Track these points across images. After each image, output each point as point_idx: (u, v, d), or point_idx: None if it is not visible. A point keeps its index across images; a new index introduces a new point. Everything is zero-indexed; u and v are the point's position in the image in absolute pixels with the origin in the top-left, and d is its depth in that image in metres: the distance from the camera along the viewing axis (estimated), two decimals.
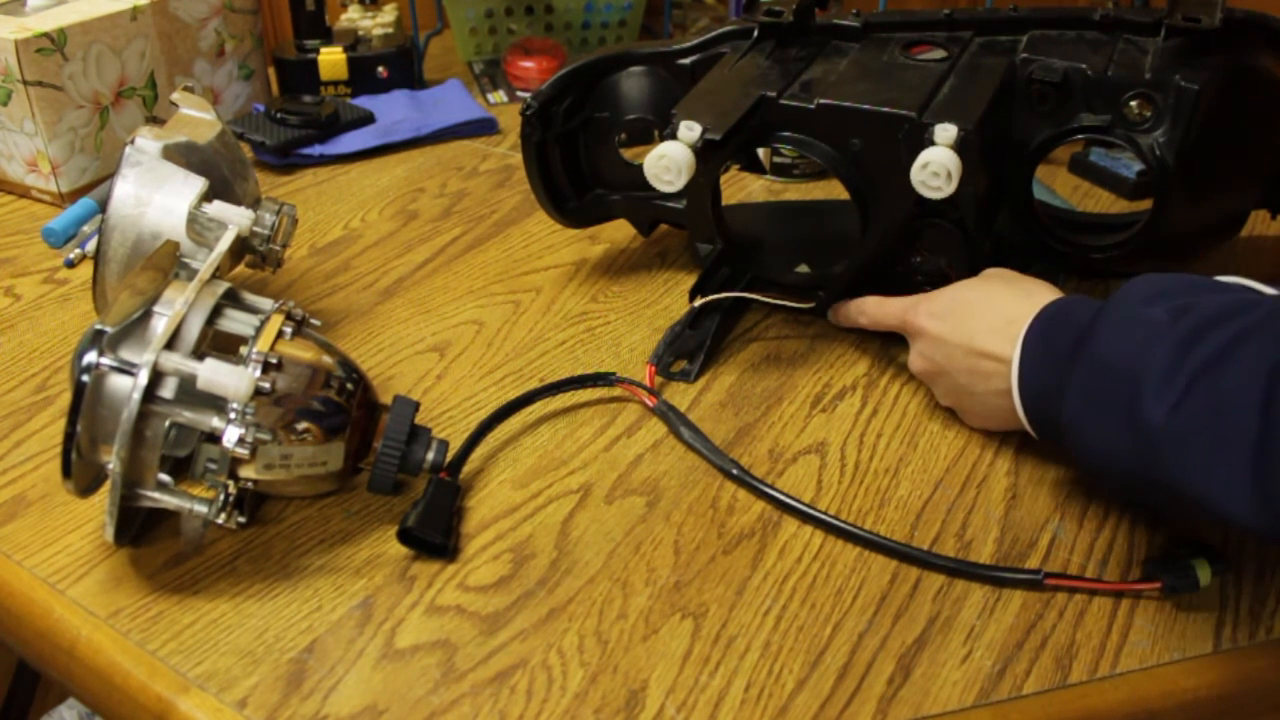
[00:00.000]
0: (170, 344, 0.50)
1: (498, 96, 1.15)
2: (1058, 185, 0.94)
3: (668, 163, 0.63)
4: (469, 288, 0.80)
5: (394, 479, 0.57)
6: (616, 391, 0.69)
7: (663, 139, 0.64)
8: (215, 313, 0.53)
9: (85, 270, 0.75)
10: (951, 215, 0.68)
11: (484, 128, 1.06)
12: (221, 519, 0.51)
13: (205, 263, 0.56)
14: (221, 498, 0.51)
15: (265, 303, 0.56)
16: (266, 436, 0.51)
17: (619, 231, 0.87)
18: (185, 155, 0.64)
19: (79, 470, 0.49)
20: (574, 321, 0.76)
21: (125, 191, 0.61)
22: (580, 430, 0.66)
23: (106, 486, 0.50)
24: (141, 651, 0.51)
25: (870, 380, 0.70)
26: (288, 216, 0.67)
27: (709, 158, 0.66)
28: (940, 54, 0.72)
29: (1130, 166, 0.92)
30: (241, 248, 0.65)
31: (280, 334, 0.53)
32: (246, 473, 0.52)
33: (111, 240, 0.61)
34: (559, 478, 0.62)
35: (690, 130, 0.63)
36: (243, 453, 0.49)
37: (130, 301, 0.50)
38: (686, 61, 0.77)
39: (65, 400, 0.67)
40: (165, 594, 0.54)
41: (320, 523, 0.59)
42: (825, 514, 0.58)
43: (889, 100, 0.65)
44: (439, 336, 0.74)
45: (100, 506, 0.59)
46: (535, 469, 0.63)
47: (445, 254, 0.85)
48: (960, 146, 0.61)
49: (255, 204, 0.68)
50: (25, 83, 0.85)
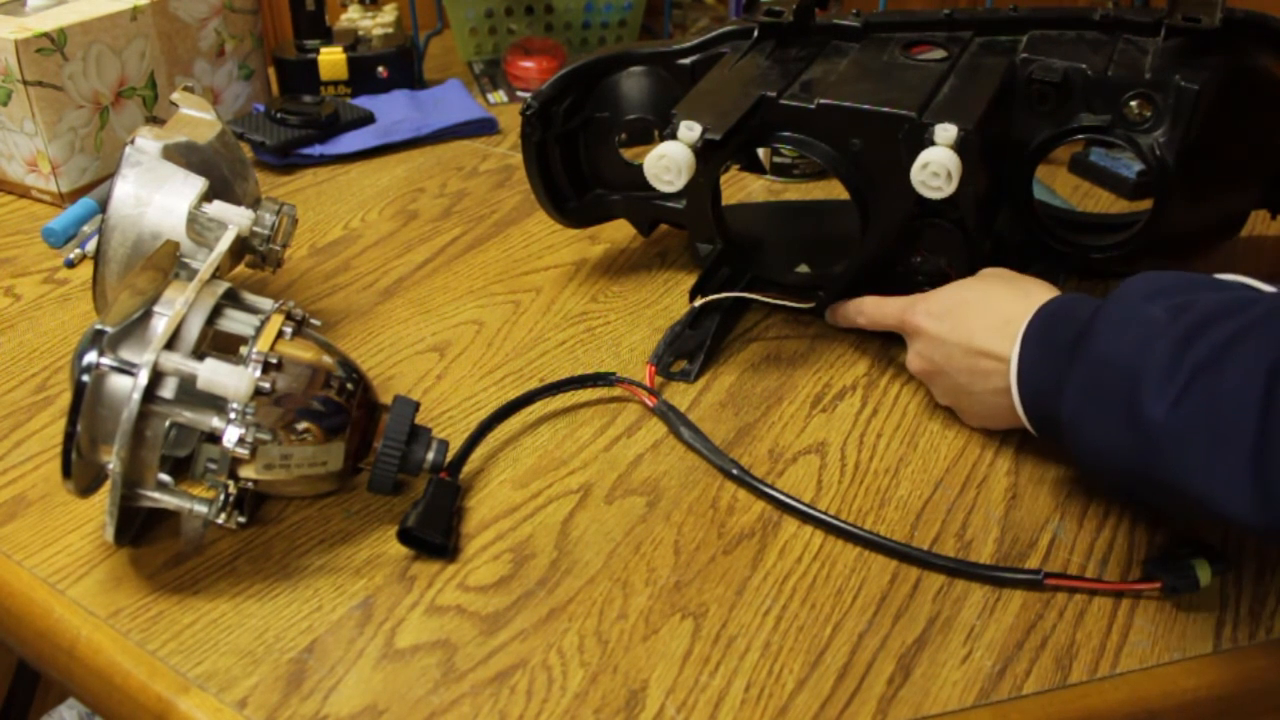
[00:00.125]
0: (170, 344, 0.50)
1: (498, 96, 1.15)
2: (1058, 185, 0.94)
3: (668, 163, 0.63)
4: (469, 288, 0.80)
5: (394, 479, 0.57)
6: (616, 391, 0.69)
7: (663, 139, 0.64)
8: (215, 313, 0.53)
9: (85, 270, 0.75)
10: (951, 215, 0.68)
11: (484, 128, 1.06)
12: (221, 519, 0.51)
13: (205, 263, 0.56)
14: (221, 498, 0.51)
15: (265, 303, 0.56)
16: (266, 436, 0.51)
17: (619, 231, 0.87)
18: (185, 155, 0.64)
19: (79, 470, 0.49)
20: (574, 321, 0.76)
21: (125, 191, 0.61)
22: (580, 430, 0.66)
23: (106, 486, 0.50)
24: (141, 651, 0.51)
25: (870, 380, 0.70)
26: (288, 216, 0.67)
27: (709, 158, 0.66)
28: (940, 54, 0.72)
29: (1130, 166, 0.92)
30: (241, 248, 0.65)
31: (280, 334, 0.53)
32: (246, 473, 0.52)
33: (111, 240, 0.61)
34: (559, 478, 0.62)
35: (690, 130, 0.63)
36: (243, 453, 0.49)
37: (130, 301, 0.50)
38: (686, 61, 0.77)
39: (65, 400, 0.67)
40: (165, 594, 0.54)
41: (320, 523, 0.59)
42: (825, 514, 0.58)
43: (889, 100, 0.65)
44: (439, 336, 0.74)
45: (100, 506, 0.59)
46: (535, 469, 0.63)
47: (445, 254, 0.85)
48: (960, 146, 0.61)
49: (255, 204, 0.68)
50: (25, 83, 0.85)
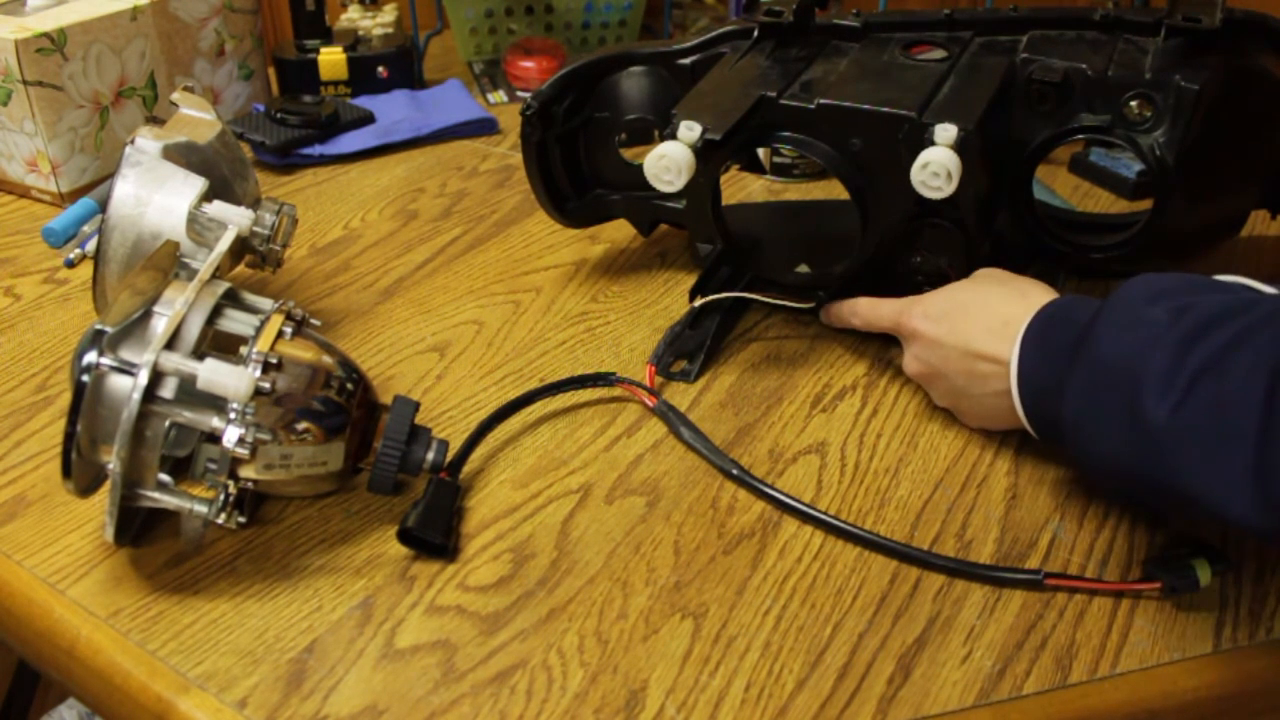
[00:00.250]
0: (170, 344, 0.50)
1: (498, 96, 1.15)
2: (1058, 185, 0.94)
3: (668, 163, 0.63)
4: (469, 288, 0.80)
5: (394, 479, 0.57)
6: (616, 391, 0.69)
7: (663, 139, 0.64)
8: (215, 313, 0.53)
9: (85, 270, 0.75)
10: (951, 215, 0.68)
11: (484, 128, 1.06)
12: (221, 519, 0.51)
13: (205, 263, 0.56)
14: (221, 498, 0.51)
15: (265, 303, 0.56)
16: (266, 436, 0.51)
17: (619, 231, 0.87)
18: (185, 155, 0.64)
19: (79, 470, 0.49)
20: (574, 321, 0.76)
21: (125, 191, 0.61)
22: (580, 430, 0.66)
23: (106, 486, 0.50)
24: (141, 651, 0.51)
25: (870, 380, 0.70)
26: (288, 216, 0.67)
27: (709, 158, 0.66)
28: (940, 54, 0.72)
29: (1130, 166, 0.92)
30: (241, 248, 0.65)
31: (280, 334, 0.53)
32: (246, 473, 0.52)
33: (111, 240, 0.61)
34: (559, 478, 0.62)
35: (690, 130, 0.63)
36: (243, 453, 0.49)
37: (130, 301, 0.50)
38: (686, 61, 0.77)
39: (65, 400, 0.67)
40: (165, 594, 0.54)
41: (320, 523, 0.59)
42: (825, 514, 0.58)
43: (889, 100, 0.65)
44: (439, 336, 0.74)
45: (100, 506, 0.59)
46: (535, 469, 0.63)
47: (445, 254, 0.85)
48: (960, 146, 0.61)
49: (255, 204, 0.68)
50: (25, 83, 0.85)
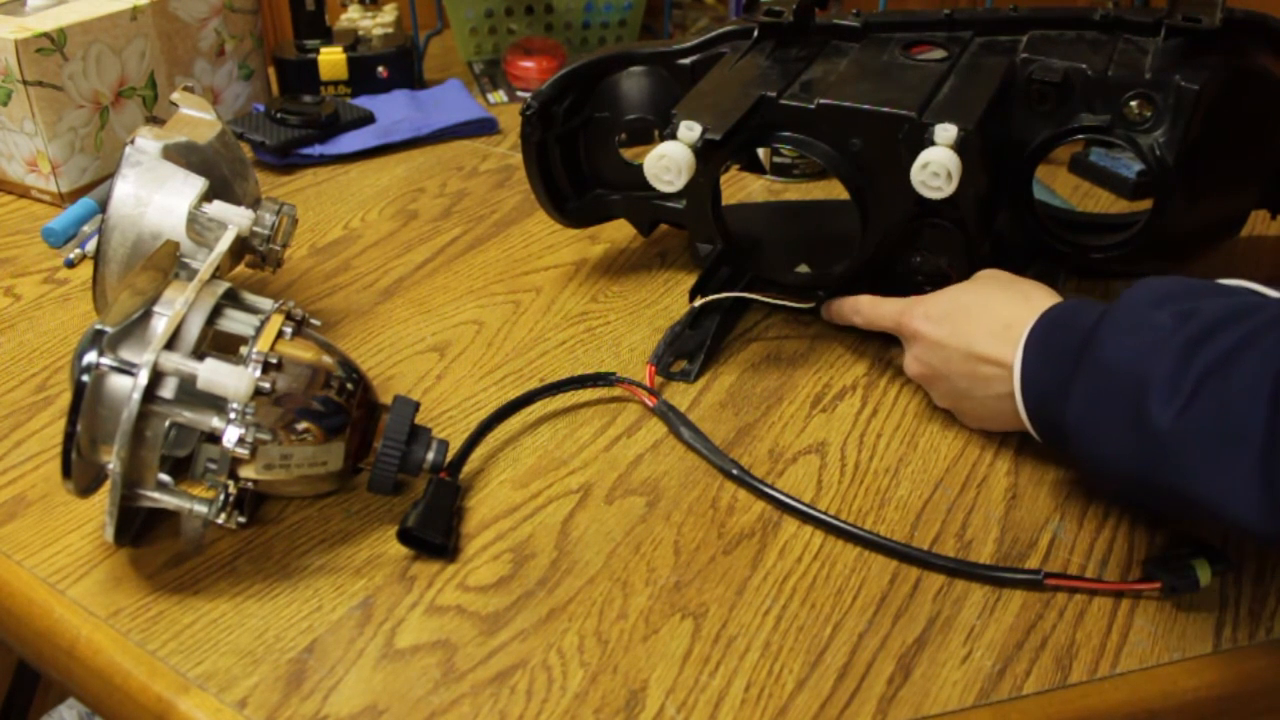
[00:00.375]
0: (170, 344, 0.50)
1: (498, 96, 1.15)
2: (1058, 185, 0.94)
3: (668, 163, 0.63)
4: (469, 288, 0.80)
5: (394, 479, 0.57)
6: (616, 391, 0.69)
7: (663, 139, 0.64)
8: (215, 313, 0.53)
9: (85, 270, 0.75)
10: (951, 215, 0.68)
11: (484, 128, 1.06)
12: (221, 519, 0.51)
13: (205, 263, 0.56)
14: (221, 498, 0.51)
15: (265, 303, 0.56)
16: (266, 436, 0.51)
17: (619, 231, 0.87)
18: (185, 155, 0.64)
19: (79, 470, 0.49)
20: (574, 321, 0.76)
21: (125, 191, 0.61)
22: (580, 430, 0.66)
23: (106, 486, 0.50)
24: (141, 651, 0.51)
25: (870, 380, 0.70)
26: (288, 216, 0.67)
27: (709, 158, 0.66)
28: (940, 54, 0.72)
29: (1130, 166, 0.92)
30: (241, 248, 0.65)
31: (280, 334, 0.53)
32: (246, 473, 0.52)
33: (111, 240, 0.61)
34: (559, 478, 0.62)
35: (690, 130, 0.63)
36: (243, 453, 0.49)
37: (130, 301, 0.50)
38: (686, 61, 0.77)
39: (65, 400, 0.67)
40: (165, 594, 0.54)
41: (320, 523, 0.59)
42: (825, 514, 0.58)
43: (889, 100, 0.65)
44: (439, 336, 0.74)
45: (100, 506, 0.59)
46: (535, 469, 0.63)
47: (445, 254, 0.85)
48: (960, 146, 0.61)
49: (255, 204, 0.68)
50: (25, 83, 0.85)
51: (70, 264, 0.66)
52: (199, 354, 0.51)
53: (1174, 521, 0.59)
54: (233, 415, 0.49)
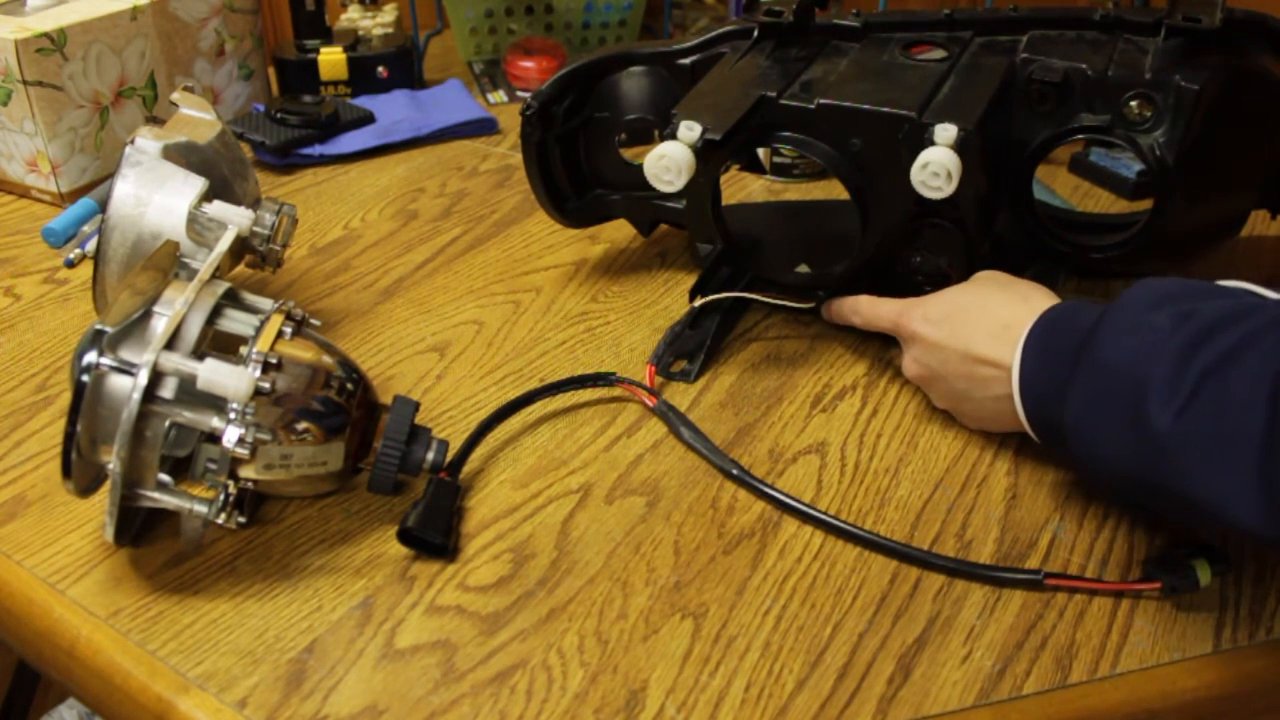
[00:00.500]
0: (170, 344, 0.50)
1: (498, 96, 1.15)
2: (1058, 185, 0.94)
3: (668, 163, 0.63)
4: (469, 288, 0.80)
5: (394, 479, 0.57)
6: (616, 391, 0.69)
7: (663, 139, 0.64)
8: (215, 313, 0.53)
9: (85, 270, 0.75)
10: (951, 215, 0.67)
11: (484, 128, 1.06)
12: (221, 519, 0.51)
13: (205, 263, 0.56)
14: (221, 498, 0.51)
15: (265, 303, 0.56)
16: (266, 436, 0.51)
17: (619, 231, 0.87)
18: (185, 155, 0.64)
19: (79, 470, 0.49)
20: (574, 321, 0.76)
21: (125, 191, 0.61)
22: (580, 430, 0.66)
23: (106, 486, 0.50)
24: (141, 651, 0.51)
25: (870, 380, 0.70)
26: (288, 216, 0.67)
27: (709, 158, 0.66)
28: (940, 54, 0.72)
29: (1130, 166, 0.92)
30: (241, 248, 0.65)
31: (280, 334, 0.53)
32: (246, 473, 0.52)
33: (111, 240, 0.61)
34: (559, 478, 0.62)
35: (690, 130, 0.63)
36: (243, 453, 0.49)
37: (130, 301, 0.50)
38: (686, 61, 0.77)
39: (65, 400, 0.67)
40: (165, 594, 0.54)
41: (320, 523, 0.59)
42: (825, 514, 0.58)
43: (889, 100, 0.65)
44: (439, 336, 0.74)
45: (100, 506, 0.59)
46: (535, 469, 0.63)
47: (445, 254, 0.85)
48: (960, 146, 0.61)
49: (255, 204, 0.68)
50: (25, 83, 0.85)
51: (70, 264, 0.66)
52: (199, 354, 0.51)
53: (1173, 521, 0.59)
54: (233, 415, 0.49)
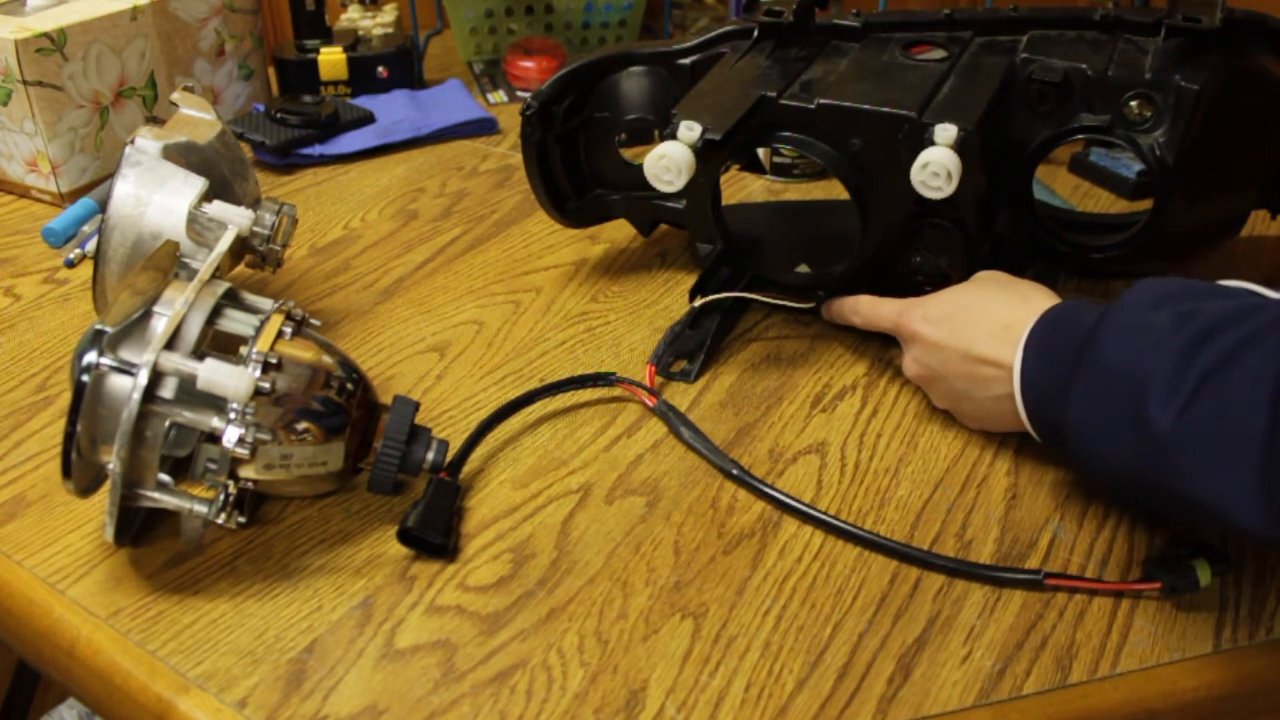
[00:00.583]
0: (170, 344, 0.50)
1: (498, 96, 1.15)
2: (1058, 185, 0.94)
3: (668, 163, 0.63)
4: (469, 288, 0.80)
5: (394, 479, 0.57)
6: (616, 391, 0.69)
7: (663, 139, 0.64)
8: (215, 313, 0.53)
9: (85, 270, 0.75)
10: (951, 215, 0.68)
11: (484, 128, 1.06)
12: (221, 519, 0.51)
13: (205, 263, 0.56)
14: (221, 498, 0.51)
15: (265, 303, 0.56)
16: (266, 436, 0.51)
17: (619, 231, 0.87)
18: (185, 155, 0.64)
19: (79, 470, 0.49)
20: (574, 321, 0.76)
21: (125, 191, 0.61)
22: (580, 430, 0.66)
23: (106, 486, 0.50)
24: (141, 651, 0.51)
25: (870, 380, 0.70)
26: (288, 216, 0.67)
27: (709, 158, 0.66)
28: (940, 54, 0.72)
29: (1130, 166, 0.92)
30: (241, 248, 0.65)
31: (280, 334, 0.53)
32: (246, 473, 0.52)
33: (111, 240, 0.61)
34: (559, 478, 0.62)
35: (690, 130, 0.63)
36: (243, 453, 0.49)
37: (130, 301, 0.50)
38: (686, 61, 0.77)
39: (65, 400, 0.67)
40: (165, 594, 0.54)
41: (320, 523, 0.59)
42: (825, 514, 0.58)
43: (889, 100, 0.65)
44: (439, 336, 0.74)
45: (100, 506, 0.59)
46: (535, 469, 0.63)
47: (445, 254, 0.85)
48: (960, 146, 0.61)
49: (255, 204, 0.68)
50: (25, 83, 0.85)
51: (70, 264, 0.66)
52: (199, 354, 0.51)
53: (1173, 522, 0.59)
54: (233, 415, 0.49)
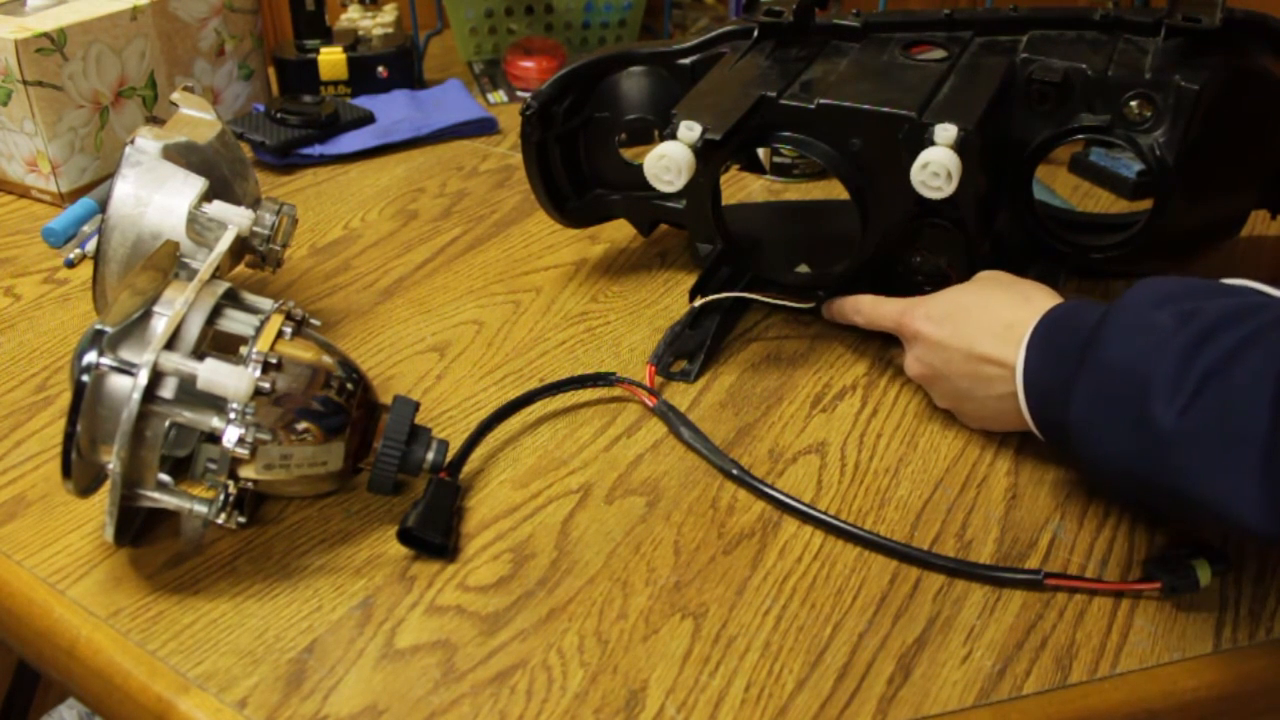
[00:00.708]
0: (170, 344, 0.50)
1: (498, 96, 1.15)
2: (1058, 185, 0.94)
3: (668, 163, 0.63)
4: (469, 288, 0.80)
5: (394, 479, 0.57)
6: (616, 391, 0.69)
7: (663, 139, 0.64)
8: (215, 313, 0.53)
9: (85, 270, 0.75)
10: (951, 215, 0.68)
11: (484, 128, 1.06)
12: (221, 519, 0.51)
13: (205, 263, 0.56)
14: (221, 498, 0.51)
15: (265, 303, 0.56)
16: (266, 436, 0.51)
17: (619, 231, 0.87)
18: (185, 155, 0.64)
19: (79, 470, 0.49)
20: (574, 321, 0.76)
21: (125, 191, 0.61)
22: (580, 430, 0.66)
23: (106, 486, 0.50)
24: (141, 651, 0.51)
25: (870, 380, 0.70)
26: (288, 216, 0.67)
27: (709, 158, 0.66)
28: (940, 54, 0.72)
29: (1130, 166, 0.92)
30: (241, 248, 0.65)
31: (280, 334, 0.53)
32: (246, 473, 0.52)
33: (111, 240, 0.61)
34: (559, 478, 0.62)
35: (690, 130, 0.63)
36: (243, 453, 0.49)
37: (130, 301, 0.50)
38: (686, 61, 0.77)
39: (65, 400, 0.67)
40: (165, 594, 0.54)
41: (320, 523, 0.59)
42: (825, 514, 0.58)
43: (889, 100, 0.65)
44: (439, 336, 0.74)
45: (100, 506, 0.59)
46: (535, 469, 0.63)
47: (445, 254, 0.85)
48: (960, 146, 0.61)
49: (255, 204, 0.68)
50: (25, 83, 0.85)
51: (70, 264, 0.66)
52: (199, 354, 0.51)
53: (1174, 521, 0.59)
54: (233, 415, 0.49)
